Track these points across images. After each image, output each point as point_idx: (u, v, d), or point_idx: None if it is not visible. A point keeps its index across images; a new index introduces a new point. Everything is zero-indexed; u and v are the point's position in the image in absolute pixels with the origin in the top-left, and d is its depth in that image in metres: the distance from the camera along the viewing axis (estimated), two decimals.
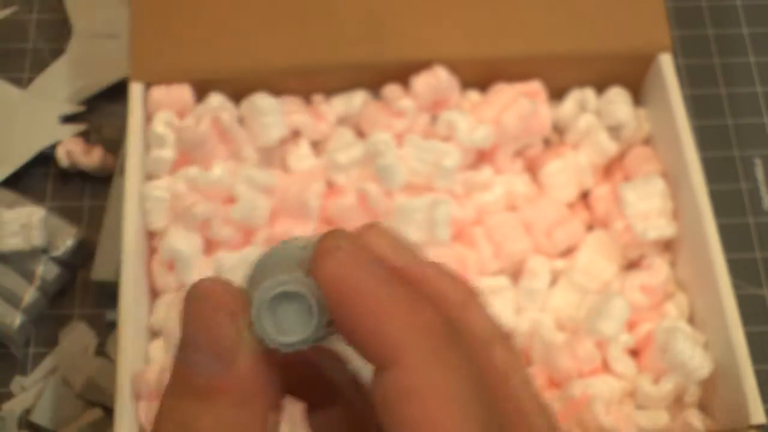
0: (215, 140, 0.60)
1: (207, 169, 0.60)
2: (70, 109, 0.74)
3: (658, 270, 0.61)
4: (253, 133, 0.62)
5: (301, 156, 0.64)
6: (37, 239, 0.66)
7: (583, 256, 0.63)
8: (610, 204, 0.63)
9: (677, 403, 0.59)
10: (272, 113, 0.62)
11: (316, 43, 0.64)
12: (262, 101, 0.62)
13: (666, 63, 0.65)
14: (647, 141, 0.67)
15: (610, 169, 0.67)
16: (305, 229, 0.61)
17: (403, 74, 0.64)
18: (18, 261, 0.67)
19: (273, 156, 0.65)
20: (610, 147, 0.65)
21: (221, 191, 0.60)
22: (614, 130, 0.66)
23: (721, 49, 0.80)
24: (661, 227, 0.61)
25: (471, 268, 0.60)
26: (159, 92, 0.63)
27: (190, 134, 0.60)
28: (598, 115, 0.66)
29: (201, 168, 0.60)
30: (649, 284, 0.60)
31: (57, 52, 0.78)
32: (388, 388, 0.26)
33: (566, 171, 0.65)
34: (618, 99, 0.66)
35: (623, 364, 0.58)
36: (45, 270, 0.67)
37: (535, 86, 0.66)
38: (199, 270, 0.59)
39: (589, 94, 0.67)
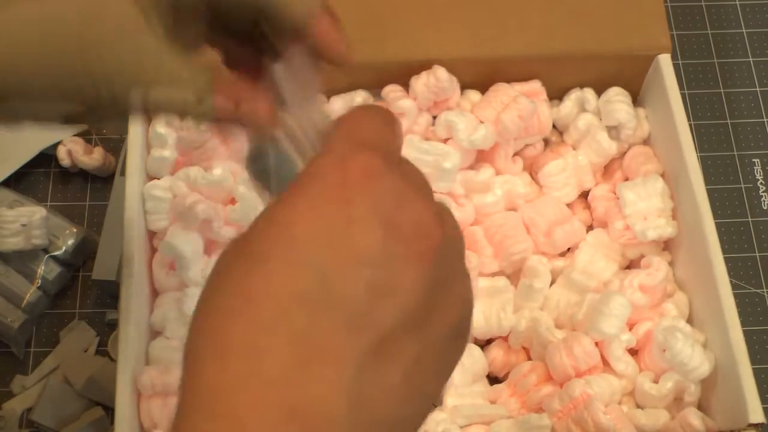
0: (216, 141, 0.61)
1: (207, 169, 0.60)
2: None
3: (657, 269, 0.61)
4: None
5: None
6: (38, 239, 0.66)
7: (583, 255, 0.63)
8: (610, 204, 0.64)
9: (677, 402, 0.59)
10: None
11: None
12: None
13: (665, 63, 0.65)
14: (647, 141, 0.67)
15: (609, 168, 0.67)
16: None
17: (403, 74, 0.64)
18: (19, 260, 0.67)
19: None
20: (610, 147, 0.65)
21: (222, 191, 0.60)
22: (614, 130, 0.66)
23: (719, 49, 0.81)
24: (660, 227, 0.62)
25: (471, 269, 0.60)
26: None
27: (191, 135, 0.60)
28: (598, 115, 0.67)
29: (202, 168, 0.60)
30: (649, 284, 0.60)
31: None
32: None
33: (566, 171, 0.65)
34: (618, 99, 0.66)
35: (624, 363, 0.59)
36: (46, 269, 0.68)
37: (535, 86, 0.66)
38: (200, 269, 0.59)
39: (589, 94, 0.67)
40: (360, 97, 0.66)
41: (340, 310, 0.30)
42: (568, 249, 0.65)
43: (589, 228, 0.66)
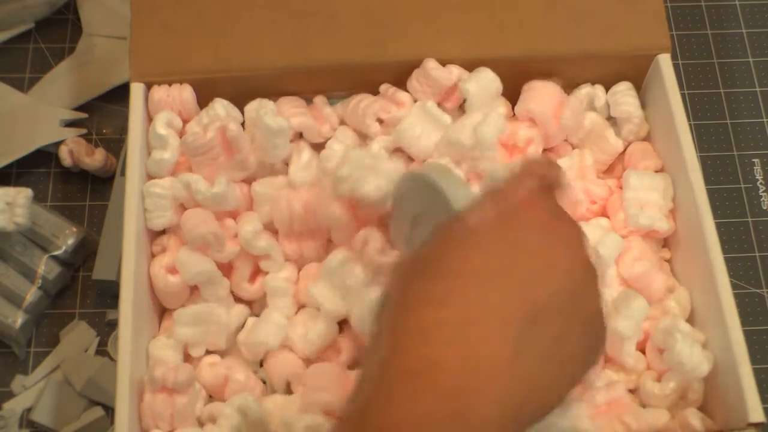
0: (220, 149, 0.60)
1: (208, 178, 0.60)
2: (71, 115, 0.74)
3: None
4: (261, 149, 0.62)
5: (303, 164, 0.64)
6: (21, 217, 0.65)
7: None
8: (613, 197, 0.64)
9: (679, 401, 0.59)
10: (282, 135, 0.61)
11: (316, 43, 0.64)
12: (274, 122, 0.60)
13: (665, 63, 0.65)
14: (647, 140, 0.67)
15: (612, 167, 0.67)
16: (315, 245, 0.61)
17: (402, 75, 0.64)
18: (19, 260, 0.67)
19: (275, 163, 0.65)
20: (617, 144, 0.65)
21: (222, 205, 0.60)
22: (622, 123, 0.66)
23: (719, 49, 0.81)
24: (653, 218, 0.62)
25: None
26: (159, 92, 0.63)
27: (197, 141, 0.60)
28: (606, 107, 0.66)
29: (203, 179, 0.60)
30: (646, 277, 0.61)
31: (58, 52, 0.78)
32: None
33: (571, 170, 0.65)
34: (626, 92, 0.66)
35: (635, 359, 0.59)
36: (46, 269, 0.68)
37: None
38: (225, 286, 0.60)
39: (599, 90, 0.67)
40: (360, 97, 0.66)
41: (506, 286, 0.41)
42: None
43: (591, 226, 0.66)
